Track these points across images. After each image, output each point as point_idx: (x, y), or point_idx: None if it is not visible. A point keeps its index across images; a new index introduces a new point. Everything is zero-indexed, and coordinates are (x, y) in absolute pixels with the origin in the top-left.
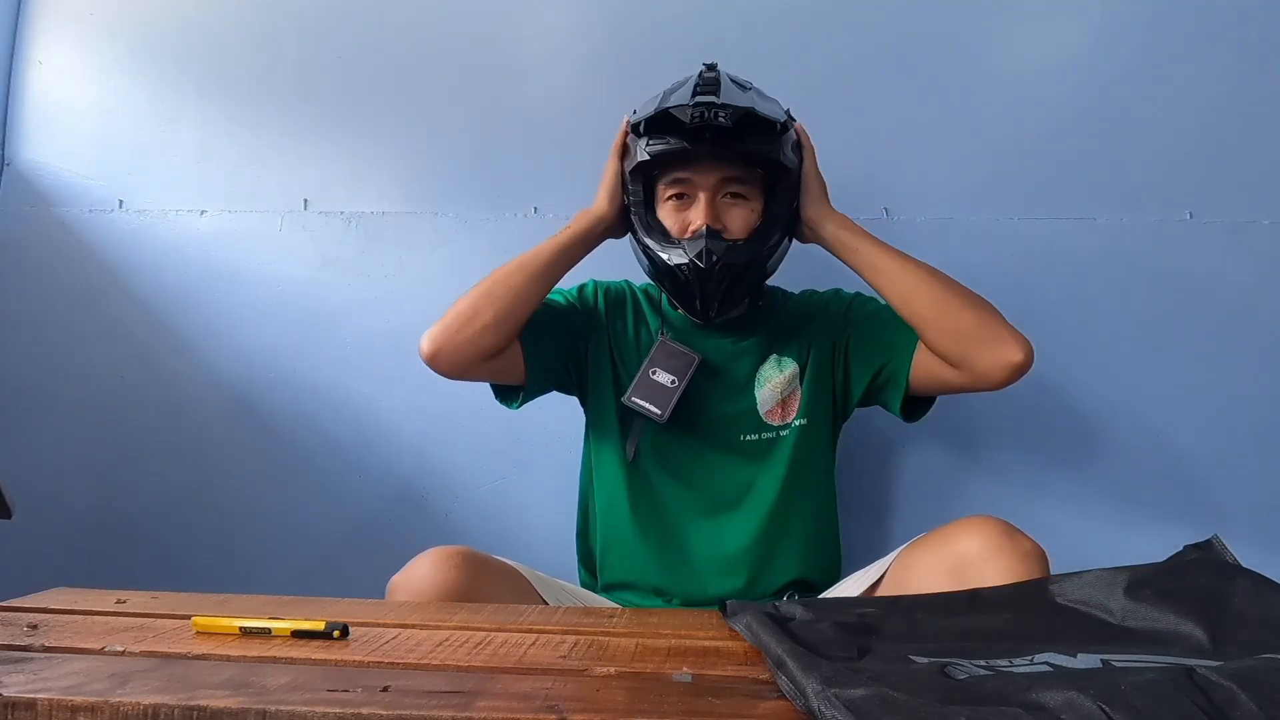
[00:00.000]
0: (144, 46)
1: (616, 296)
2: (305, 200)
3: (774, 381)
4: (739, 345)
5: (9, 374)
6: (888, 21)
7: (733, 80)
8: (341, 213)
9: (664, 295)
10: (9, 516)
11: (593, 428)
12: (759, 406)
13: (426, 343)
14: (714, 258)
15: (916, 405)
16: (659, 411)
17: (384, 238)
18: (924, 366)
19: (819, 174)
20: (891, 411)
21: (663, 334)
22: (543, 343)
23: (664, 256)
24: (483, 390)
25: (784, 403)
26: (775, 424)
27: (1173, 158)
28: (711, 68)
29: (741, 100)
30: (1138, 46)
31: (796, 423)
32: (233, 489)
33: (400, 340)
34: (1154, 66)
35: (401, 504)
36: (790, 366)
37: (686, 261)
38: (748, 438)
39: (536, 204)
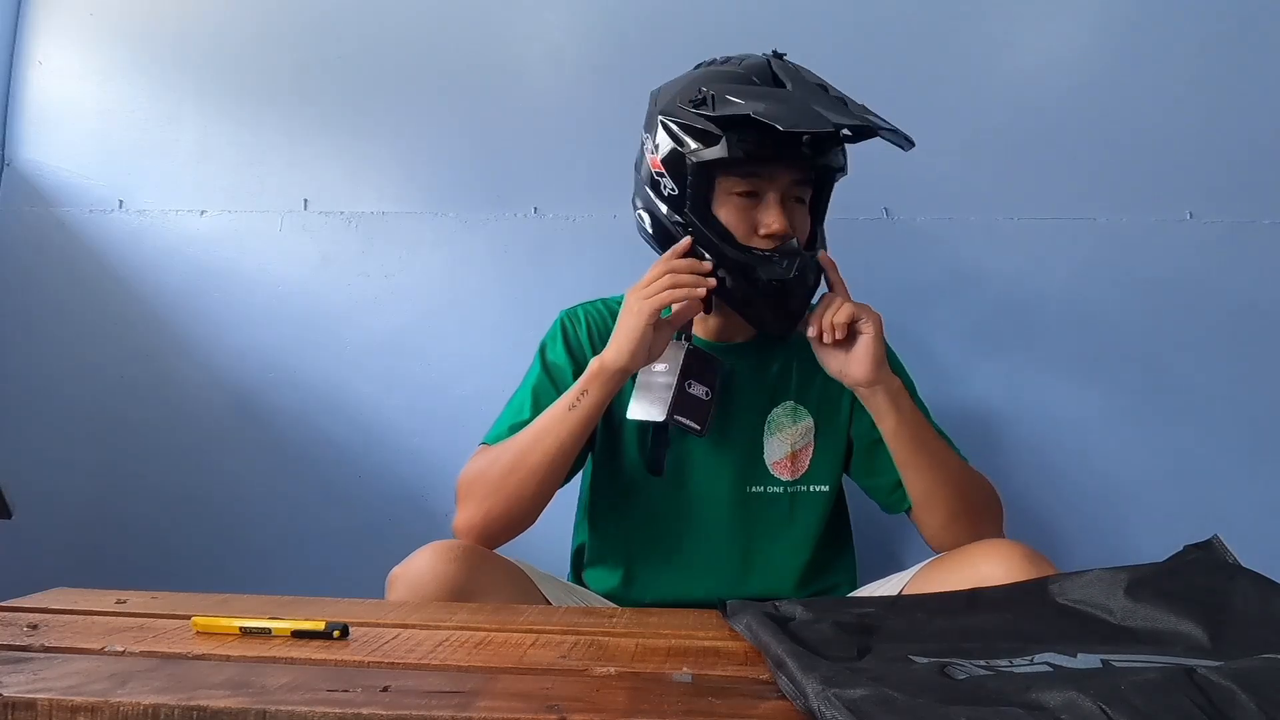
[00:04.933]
0: (144, 46)
1: (600, 331)
2: (305, 200)
3: (786, 431)
4: (753, 372)
5: (9, 374)
6: (887, 21)
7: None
8: (341, 213)
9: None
10: (9, 516)
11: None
12: (765, 455)
13: (473, 538)
14: (809, 275)
15: None
16: (699, 427)
17: (384, 238)
18: None
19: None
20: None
21: (688, 339)
22: (570, 471)
23: (752, 269)
24: (483, 390)
25: (794, 456)
26: (784, 479)
27: (1173, 158)
28: (780, 57)
29: (853, 115)
30: (1137, 47)
31: (816, 488)
32: (233, 489)
33: (400, 340)
34: (1153, 67)
35: (401, 504)
36: (805, 419)
37: (785, 279)
38: (753, 489)
39: (536, 204)
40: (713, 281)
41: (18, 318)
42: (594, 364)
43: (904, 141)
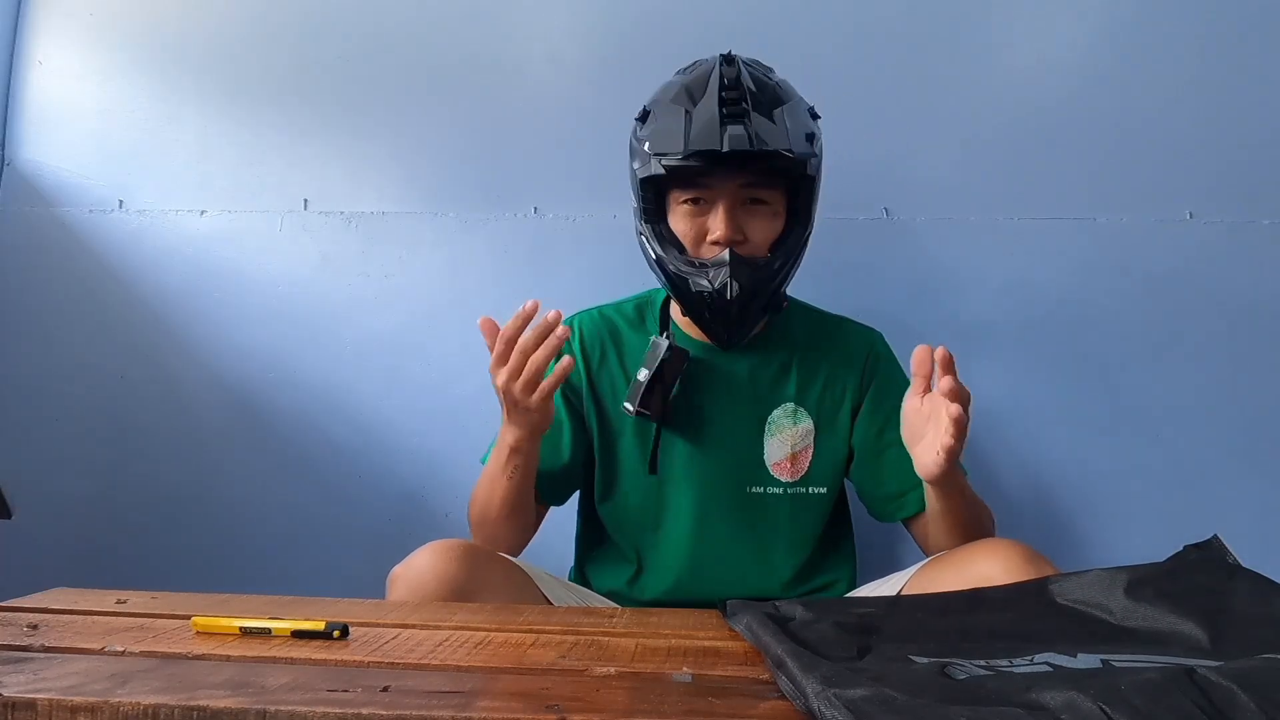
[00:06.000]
0: (144, 46)
1: (596, 342)
2: (305, 200)
3: (786, 433)
4: (752, 373)
5: (9, 374)
6: (888, 21)
7: (755, 83)
8: (341, 213)
9: (663, 308)
10: (9, 516)
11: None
12: (765, 456)
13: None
14: (739, 286)
15: None
16: (630, 407)
17: (384, 238)
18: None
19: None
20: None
21: (664, 336)
22: (564, 490)
23: (685, 280)
24: (482, 390)
25: (794, 458)
26: (783, 479)
27: (1173, 158)
28: (730, 61)
29: (771, 134)
30: (1138, 46)
31: (815, 490)
32: (232, 489)
33: (400, 340)
34: (1154, 66)
35: (401, 504)
36: (806, 421)
37: (711, 290)
38: (752, 490)
39: (536, 204)
40: (569, 361)
41: (18, 318)
42: (503, 441)
43: (793, 165)
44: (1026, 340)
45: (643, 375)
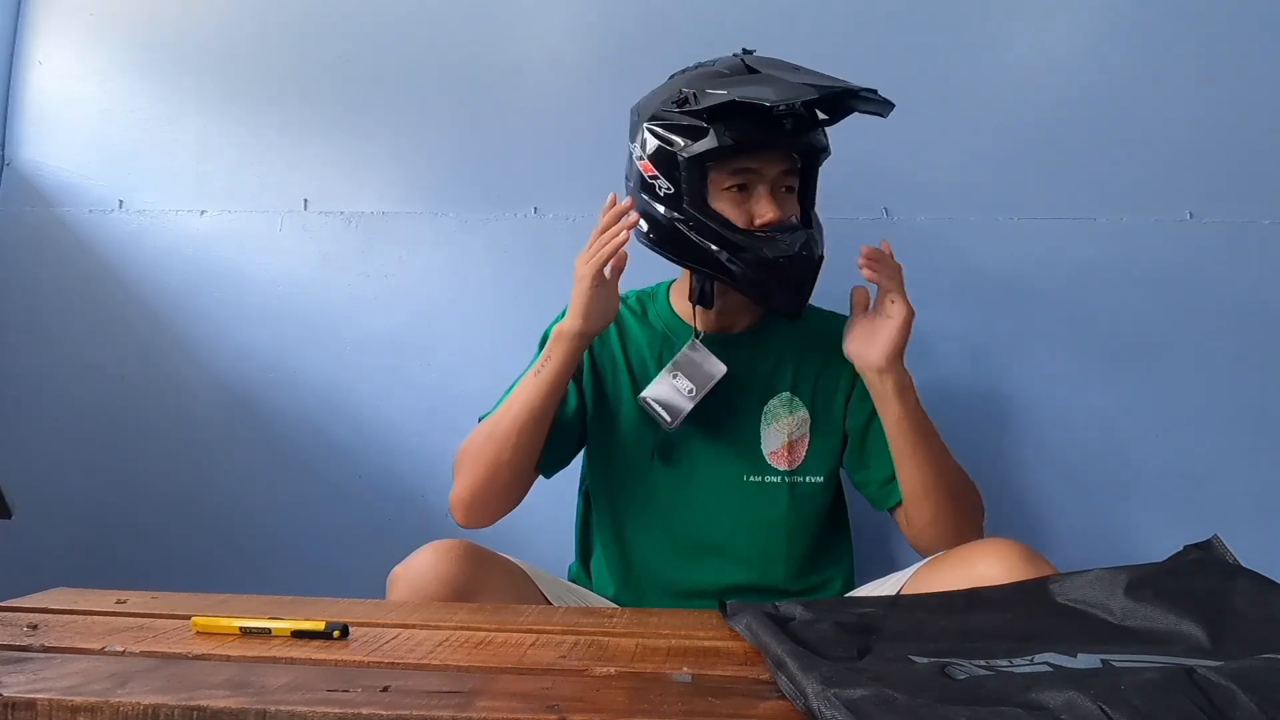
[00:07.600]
0: (144, 46)
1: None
2: (305, 200)
3: (782, 421)
4: (750, 363)
5: (9, 374)
6: (887, 21)
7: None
8: (341, 213)
9: (663, 302)
10: (9, 516)
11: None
12: (763, 445)
13: (461, 516)
14: (814, 249)
15: None
16: (669, 419)
17: (384, 238)
18: None
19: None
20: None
21: (696, 338)
22: (557, 455)
23: (750, 249)
24: (483, 390)
25: (790, 446)
26: (781, 468)
27: (1173, 158)
28: (749, 53)
29: (830, 82)
30: (1137, 46)
31: (811, 478)
32: (233, 489)
33: (400, 340)
34: (1154, 66)
35: (401, 504)
36: (801, 410)
37: (791, 254)
38: (750, 479)
39: (536, 204)
40: (635, 218)
41: (18, 318)
42: (555, 330)
43: (883, 108)
44: (1027, 340)
45: (689, 390)
